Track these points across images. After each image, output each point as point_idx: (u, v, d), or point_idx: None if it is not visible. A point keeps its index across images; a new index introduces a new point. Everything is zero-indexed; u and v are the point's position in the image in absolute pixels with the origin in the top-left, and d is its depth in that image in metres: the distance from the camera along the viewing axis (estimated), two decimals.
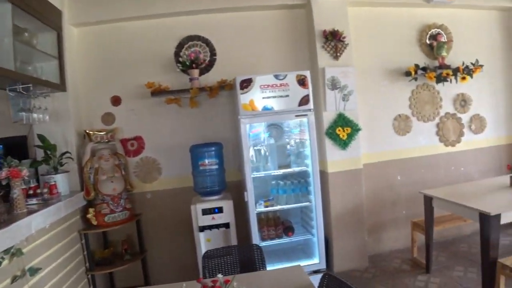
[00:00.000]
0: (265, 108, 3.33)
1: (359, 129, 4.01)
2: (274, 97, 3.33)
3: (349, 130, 3.95)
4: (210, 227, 3.38)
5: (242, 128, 3.30)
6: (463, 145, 4.70)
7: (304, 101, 3.38)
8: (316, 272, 3.49)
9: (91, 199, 3.73)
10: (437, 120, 4.61)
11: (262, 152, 3.59)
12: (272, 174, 3.55)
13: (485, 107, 4.79)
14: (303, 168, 3.55)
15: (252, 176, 3.42)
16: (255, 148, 3.61)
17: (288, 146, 3.81)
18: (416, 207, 4.27)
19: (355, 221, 4.13)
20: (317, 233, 3.49)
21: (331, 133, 3.95)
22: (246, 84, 3.29)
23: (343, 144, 3.97)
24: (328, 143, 3.98)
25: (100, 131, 3.84)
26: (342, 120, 3.95)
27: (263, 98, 3.32)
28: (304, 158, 3.60)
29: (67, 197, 3.42)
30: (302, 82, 3.37)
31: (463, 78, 4.43)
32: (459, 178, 4.63)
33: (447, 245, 4.52)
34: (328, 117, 3.97)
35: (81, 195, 3.70)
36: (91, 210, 3.68)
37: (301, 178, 3.64)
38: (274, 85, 3.32)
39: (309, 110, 3.39)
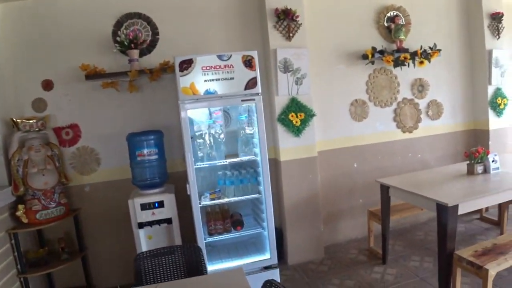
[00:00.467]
0: (207, 92, 2.98)
1: (313, 115, 3.74)
2: (218, 79, 2.98)
3: (302, 115, 3.67)
4: (150, 223, 3.03)
5: (182, 114, 2.93)
6: (421, 131, 4.53)
7: (251, 84, 3.04)
8: (267, 268, 3.22)
9: (20, 194, 3.32)
10: (394, 105, 4.40)
11: (207, 140, 3.23)
12: (218, 164, 3.21)
13: (442, 92, 4.62)
14: (252, 157, 3.23)
15: (196, 166, 3.08)
16: (199, 136, 3.26)
17: (237, 134, 3.46)
18: (373, 195, 4.10)
19: (310, 211, 3.89)
20: (268, 227, 3.20)
21: (284, 119, 3.65)
22: (186, 65, 2.92)
23: (297, 130, 3.69)
24: (281, 129, 3.69)
25: (30, 119, 3.39)
26: (295, 105, 3.66)
27: (205, 81, 2.96)
28: (253, 146, 3.29)
29: None
30: (248, 63, 3.03)
31: (421, 63, 4.22)
32: (416, 165, 4.47)
33: (403, 232, 4.37)
34: (281, 102, 3.67)
35: (10, 190, 3.28)
36: (20, 207, 3.27)
37: (250, 168, 3.34)
38: (218, 67, 2.96)
39: (257, 94, 3.06)
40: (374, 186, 3.72)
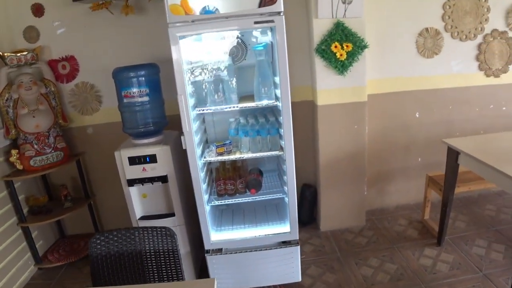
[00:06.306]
0: (205, 12, 1.85)
1: (365, 46, 2.46)
2: None
3: (350, 46, 2.41)
4: (141, 180, 2.15)
5: (171, 40, 1.84)
6: (511, 76, 3.01)
7: None
8: (285, 243, 2.24)
9: (12, 138, 2.62)
10: (479, 39, 2.88)
11: (213, 78, 2.14)
12: (227, 110, 2.10)
13: None
14: (272, 101, 2.07)
15: (196, 112, 2.05)
16: (200, 72, 2.16)
17: (254, 71, 2.13)
18: (436, 154, 2.91)
19: (352, 169, 2.78)
20: (288, 192, 2.16)
21: (324, 51, 2.43)
22: None
23: (341, 66, 2.47)
24: (320, 64, 2.49)
25: (18, 52, 2.56)
26: (340, 32, 2.40)
27: None
28: (275, 88, 2.14)
29: None
30: None
31: None
32: (497, 121, 3.05)
33: (468, 203, 3.11)
34: (321, 27, 2.42)
35: (2, 133, 2.58)
36: (14, 152, 2.59)
37: (272, 116, 2.23)
38: None
39: (278, 13, 1.84)
40: (439, 143, 2.48)
